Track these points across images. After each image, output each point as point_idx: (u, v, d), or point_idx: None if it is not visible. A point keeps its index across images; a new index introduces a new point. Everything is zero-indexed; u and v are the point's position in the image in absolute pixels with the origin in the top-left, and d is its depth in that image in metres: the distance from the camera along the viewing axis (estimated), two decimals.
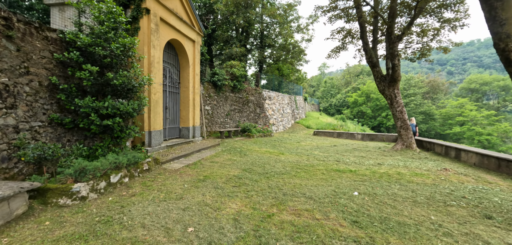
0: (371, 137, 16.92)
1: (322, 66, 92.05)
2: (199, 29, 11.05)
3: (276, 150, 11.41)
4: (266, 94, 19.42)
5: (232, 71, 15.79)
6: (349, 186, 5.99)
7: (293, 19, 24.99)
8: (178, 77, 10.56)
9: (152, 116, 7.70)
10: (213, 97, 14.26)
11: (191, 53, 10.57)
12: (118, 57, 5.53)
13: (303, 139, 16.88)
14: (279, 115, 20.87)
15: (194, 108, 10.81)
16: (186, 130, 10.55)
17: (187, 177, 6.08)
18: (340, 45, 16.78)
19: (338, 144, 14.83)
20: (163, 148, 8.29)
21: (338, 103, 57.91)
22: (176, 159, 7.60)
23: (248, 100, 17.69)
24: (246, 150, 10.82)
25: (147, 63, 7.59)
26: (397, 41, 11.96)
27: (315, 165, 8.42)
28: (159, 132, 8.07)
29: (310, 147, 13.33)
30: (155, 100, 7.87)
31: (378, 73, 12.85)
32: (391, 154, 10.99)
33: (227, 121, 15.37)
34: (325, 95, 66.46)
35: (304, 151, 11.79)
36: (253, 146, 12.00)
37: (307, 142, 15.18)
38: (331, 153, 11.19)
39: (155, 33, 7.83)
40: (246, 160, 8.61)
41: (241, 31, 21.76)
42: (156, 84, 7.90)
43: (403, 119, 11.95)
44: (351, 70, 74.16)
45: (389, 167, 8.42)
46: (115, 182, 4.82)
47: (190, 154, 8.56)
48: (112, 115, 5.39)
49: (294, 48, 25.52)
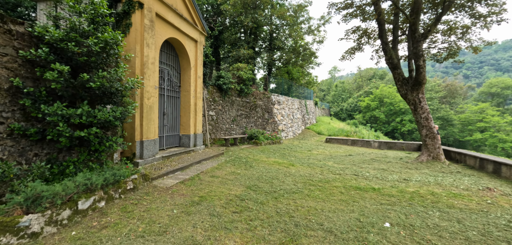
0: (389, 145, 15.55)
1: (333, 70, 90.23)
2: (202, 28, 10.16)
3: (285, 160, 10.33)
4: (275, 99, 18.38)
5: (238, 74, 14.85)
6: (375, 211, 4.86)
7: (304, 20, 23.91)
8: (178, 80, 9.68)
9: (145, 124, 6.79)
10: (218, 102, 13.33)
11: (192, 54, 9.68)
12: (98, 56, 4.64)
13: (315, 146, 15.70)
14: (288, 120, 19.77)
15: (196, 114, 9.89)
16: (187, 137, 9.62)
17: (179, 198, 5.09)
18: (356, 46, 15.58)
19: (354, 152, 13.58)
20: (158, 159, 7.36)
21: (350, 108, 56.12)
22: (171, 172, 6.64)
23: (256, 105, 16.69)
24: (252, 160, 9.78)
25: (139, 64, 6.71)
26: (422, 40, 10.70)
27: (330, 180, 7.29)
28: (153, 142, 7.15)
29: (323, 156, 12.16)
30: (149, 105, 6.97)
31: (400, 75, 11.59)
32: (416, 167, 9.70)
33: (233, 128, 14.40)
34: (336, 99, 64.77)
35: (316, 161, 10.65)
36: (260, 155, 10.95)
37: (319, 150, 14.01)
38: (347, 164, 10.00)
39: (150, 30, 6.96)
40: (251, 174, 7.57)
41: (249, 33, 20.86)
42: (150, 88, 7.00)
43: (429, 127, 10.63)
44: (363, 73, 72.15)
45: (418, 184, 7.19)
46: (86, 209, 3.88)
47: (188, 166, 7.60)
48: (88, 125, 4.48)
49: (304, 51, 24.39)
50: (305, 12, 23.04)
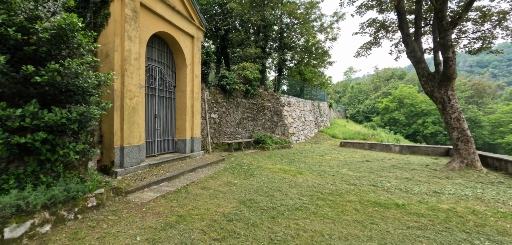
0: (412, 150, 13.95)
1: (349, 71, 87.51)
2: (200, 23, 9.31)
3: (293, 167, 9.20)
4: (285, 100, 17.25)
5: (244, 74, 13.90)
6: (401, 240, 3.68)
7: (316, 18, 22.66)
8: (173, 79, 8.86)
9: (126, 127, 5.95)
10: (221, 104, 12.43)
11: (188, 50, 8.83)
12: (51, 45, 3.81)
13: (328, 151, 14.40)
14: (300, 123, 18.55)
15: (193, 117, 9.00)
16: (182, 142, 8.75)
17: (151, 218, 4.14)
18: (372, 40, 14.20)
19: (371, 158, 12.18)
20: (143, 168, 6.50)
21: (367, 110, 53.70)
22: (154, 184, 5.74)
23: (264, 107, 15.65)
24: (255, 167, 8.74)
25: (119, 60, 5.90)
26: (450, 29, 9.26)
27: (343, 192, 6.11)
28: (137, 148, 6.30)
29: (337, 162, 10.89)
30: (132, 107, 6.14)
31: (424, 70, 10.15)
32: (447, 175, 8.25)
33: (238, 131, 13.44)
34: (352, 101, 62.41)
35: (328, 168, 9.43)
36: (265, 162, 9.88)
37: (332, 155, 12.72)
38: (364, 172, 8.72)
39: (132, 22, 6.15)
40: (250, 184, 6.53)
41: (257, 31, 19.92)
42: (133, 87, 6.17)
43: (461, 129, 9.13)
44: (381, 74, 69.24)
45: (453, 198, 5.86)
46: (18, 237, 3.01)
47: (178, 176, 6.68)
48: (34, 128, 3.65)
49: (317, 50, 23.11)
50: (316, 9, 21.83)
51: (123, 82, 5.90)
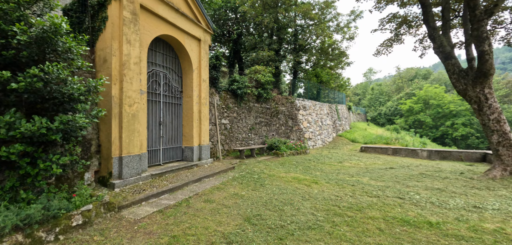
0: (442, 155, 12.66)
1: (368, 72, 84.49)
2: (207, 26, 8.94)
3: (308, 176, 8.48)
4: (300, 104, 16.51)
5: (256, 77, 13.39)
6: None
7: (332, 18, 21.76)
8: (180, 84, 8.52)
9: (125, 136, 5.60)
10: (233, 109, 11.97)
11: (195, 54, 8.47)
12: (33, 48, 3.50)
13: (347, 157, 13.45)
14: (316, 127, 17.69)
15: (201, 123, 8.59)
16: (190, 150, 8.35)
17: (140, 239, 3.67)
18: (393, 37, 13.18)
19: (396, 164, 11.12)
20: (144, 179, 6.12)
21: (389, 112, 51.21)
22: (153, 196, 5.31)
23: (278, 111, 15.02)
24: (266, 176, 8.13)
25: (117, 65, 5.59)
26: (485, 18, 8.18)
27: (364, 206, 5.35)
28: (138, 157, 5.93)
29: (357, 169, 10.00)
30: (132, 114, 5.80)
31: (455, 66, 9.08)
32: (488, 185, 7.16)
33: (251, 137, 12.90)
34: (372, 103, 59.96)
35: (347, 176, 8.61)
36: (278, 170, 9.24)
37: (352, 162, 11.80)
38: (388, 181, 7.82)
39: (132, 25, 5.84)
40: (258, 196, 5.94)
41: (271, 34, 19.41)
42: (132, 93, 5.84)
43: (502, 131, 7.97)
44: (403, 74, 66.07)
45: (499, 215, 4.92)
46: None
47: (182, 187, 6.23)
48: (9, 140, 3.33)
49: (333, 51, 22.15)
50: (332, 8, 20.93)
51: (121, 88, 5.58)
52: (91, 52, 5.69)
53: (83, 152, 5.20)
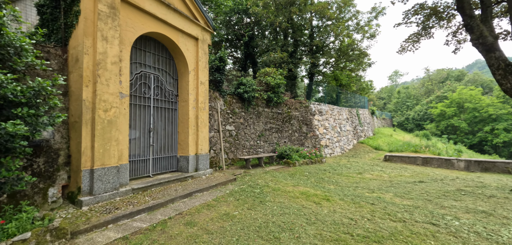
0: (483, 166, 10.77)
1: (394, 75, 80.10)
2: (205, 24, 8.19)
3: (319, 190, 7.31)
4: (316, 108, 15.25)
5: (265, 80, 12.44)
6: None
7: (351, 16, 20.30)
8: (175, 88, 7.81)
9: (98, 145, 4.89)
10: (239, 114, 11.09)
11: (191, 54, 7.72)
12: None
13: (369, 166, 11.97)
14: (334, 134, 16.27)
15: (198, 130, 7.78)
16: (185, 160, 7.54)
17: None
18: (420, 30, 11.60)
19: (427, 177, 9.54)
20: (123, 194, 5.36)
21: (418, 117, 47.63)
22: (125, 217, 4.51)
23: (291, 116, 13.89)
24: (270, 190, 7.09)
25: (91, 64, 4.92)
26: None
27: (385, 235, 4.16)
28: (115, 170, 5.19)
29: (379, 183, 8.62)
30: (107, 120, 5.09)
31: (499, 60, 7.49)
32: None
33: (260, 145, 11.91)
34: (399, 107, 56.36)
35: (367, 191, 7.32)
36: (285, 182, 8.15)
37: (374, 173, 10.36)
38: (418, 199, 6.44)
39: (109, 20, 5.18)
40: (253, 218, 4.94)
41: (285, 35, 18.42)
42: (109, 96, 5.14)
43: None
44: (433, 76, 61.62)
45: None
46: None
47: (166, 204, 5.39)
48: None
49: (353, 51, 20.63)
50: (351, 6, 19.51)
51: (94, 90, 4.90)
52: (63, 52, 5.09)
53: (47, 164, 4.55)
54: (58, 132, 4.78)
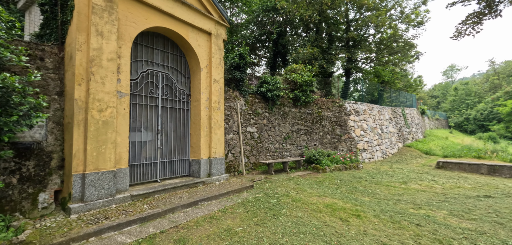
0: None
1: (450, 69, 71.21)
2: (219, 17, 7.60)
3: (349, 203, 6.13)
4: (351, 108, 13.66)
5: (292, 78, 11.42)
6: None
7: (394, 4, 18.02)
8: (187, 87, 7.34)
9: (91, 148, 4.53)
10: (262, 115, 10.27)
11: (203, 50, 7.17)
12: None
13: (416, 175, 10.11)
14: (374, 136, 14.41)
15: (211, 132, 7.18)
16: (196, 164, 6.99)
17: None
18: (481, 8, 9.45)
19: (494, 190, 7.54)
20: (120, 201, 4.93)
21: (481, 117, 41.14)
22: (112, 229, 4.02)
23: (321, 117, 12.60)
24: (289, 201, 6.13)
25: (84, 61, 4.60)
26: None
27: None
28: (109, 175, 4.80)
29: (428, 196, 7.00)
30: (102, 121, 4.72)
31: None
32: None
33: (285, 148, 10.92)
34: (456, 106, 49.58)
35: (412, 206, 5.91)
36: (309, 191, 7.08)
37: (422, 183, 8.61)
38: (483, 221, 4.88)
39: (105, 13, 4.84)
40: (259, 237, 4.12)
41: (316, 30, 17.09)
42: (104, 95, 4.78)
43: None
44: (500, 69, 52.96)
45: None
46: None
47: (164, 214, 4.82)
48: None
49: (397, 43, 18.27)
50: None
51: (88, 89, 4.57)
52: (59, 50, 4.90)
53: (38, 167, 4.32)
54: (51, 134, 4.56)
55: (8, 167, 3.94)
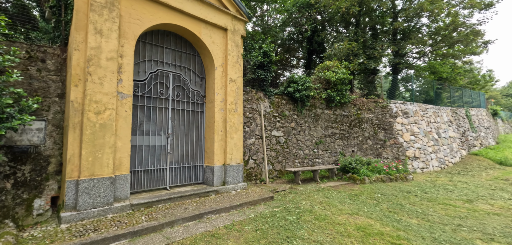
0: None
1: None
2: (237, 12, 6.98)
3: (390, 226, 4.90)
4: (398, 108, 11.77)
5: (324, 76, 10.22)
6: None
7: None
8: (202, 88, 6.85)
9: (86, 153, 4.25)
10: (290, 117, 9.32)
11: (218, 48, 6.62)
12: None
13: (486, 192, 8.01)
14: (428, 142, 12.18)
15: (227, 136, 6.55)
16: (210, 171, 6.42)
17: None
18: None
19: None
20: (118, 210, 4.56)
21: None
22: (97, 243, 3.61)
23: (361, 119, 11.06)
24: (311, 219, 5.15)
25: (81, 61, 4.37)
26: None
27: None
28: (107, 182, 4.46)
29: (504, 222, 5.26)
30: (100, 124, 4.43)
31: None
32: None
33: (317, 154, 9.74)
34: None
35: (480, 236, 4.43)
36: (339, 207, 5.94)
37: (494, 204, 6.67)
38: None
39: (105, 10, 4.58)
40: None
41: (356, 23, 15.38)
42: (102, 96, 4.49)
43: None
44: None
45: None
46: None
47: (159, 228, 4.30)
48: None
49: (458, 32, 15.42)
50: None
51: (84, 90, 4.32)
52: (62, 51, 4.79)
53: (34, 172, 4.17)
54: (50, 137, 4.42)
55: (3, 171, 3.84)
